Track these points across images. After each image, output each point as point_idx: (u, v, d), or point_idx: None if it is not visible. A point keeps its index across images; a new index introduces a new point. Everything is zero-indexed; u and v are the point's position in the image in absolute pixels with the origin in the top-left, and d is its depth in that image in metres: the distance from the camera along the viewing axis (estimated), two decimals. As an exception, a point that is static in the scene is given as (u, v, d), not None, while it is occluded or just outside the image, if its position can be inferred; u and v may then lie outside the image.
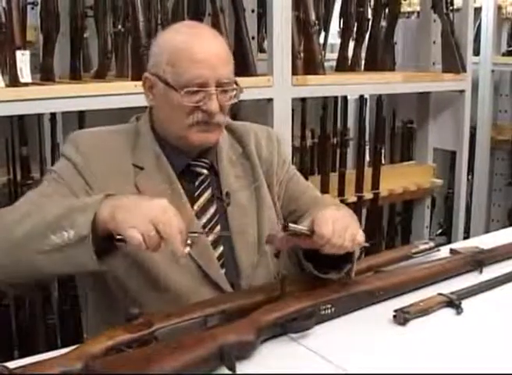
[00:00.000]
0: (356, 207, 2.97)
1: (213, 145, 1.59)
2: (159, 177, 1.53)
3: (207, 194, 1.57)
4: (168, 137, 1.55)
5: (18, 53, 1.98)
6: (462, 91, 3.12)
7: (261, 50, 3.01)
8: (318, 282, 1.43)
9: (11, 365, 1.12)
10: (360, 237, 1.39)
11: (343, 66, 3.07)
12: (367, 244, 1.45)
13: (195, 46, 1.46)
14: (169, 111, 1.50)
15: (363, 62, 3.11)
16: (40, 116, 2.75)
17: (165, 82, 1.48)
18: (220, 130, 1.55)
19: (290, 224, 1.35)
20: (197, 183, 1.58)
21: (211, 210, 1.56)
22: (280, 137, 1.79)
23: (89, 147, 1.51)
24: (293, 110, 2.58)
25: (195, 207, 1.55)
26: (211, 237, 1.54)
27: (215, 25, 2.39)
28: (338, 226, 1.35)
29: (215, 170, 1.61)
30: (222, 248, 1.55)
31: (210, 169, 1.60)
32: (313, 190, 1.76)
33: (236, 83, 1.53)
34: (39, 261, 1.25)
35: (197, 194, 1.57)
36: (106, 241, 1.25)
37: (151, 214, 1.20)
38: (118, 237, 1.21)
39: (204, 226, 1.54)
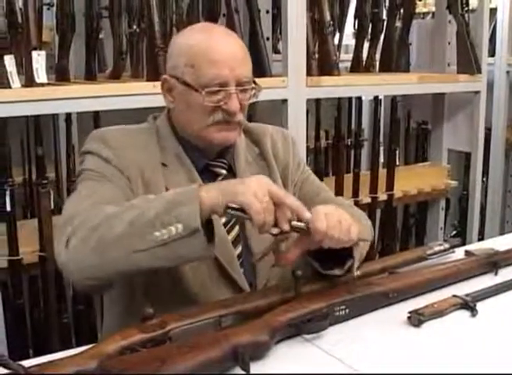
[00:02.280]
0: (370, 208, 2.97)
1: (231, 145, 1.59)
2: (182, 174, 1.54)
3: None
4: (188, 138, 1.55)
5: (34, 53, 1.99)
6: (477, 92, 3.11)
7: (276, 51, 3.01)
8: (332, 283, 1.43)
9: (26, 363, 1.12)
10: (355, 229, 1.37)
11: (357, 66, 3.07)
12: (367, 239, 1.45)
13: (213, 46, 1.46)
14: (189, 112, 1.50)
15: (377, 63, 3.11)
16: (55, 116, 2.76)
17: (184, 83, 1.48)
18: (239, 129, 1.56)
19: (293, 222, 1.34)
20: None
21: None
22: (295, 138, 1.79)
23: (118, 142, 1.50)
24: (307, 111, 2.58)
25: None
26: (231, 237, 1.54)
27: (230, 26, 2.40)
28: (331, 218, 1.34)
29: (233, 171, 1.61)
30: (240, 248, 1.56)
31: (228, 169, 1.60)
32: (327, 191, 1.76)
33: (254, 82, 1.53)
34: (136, 259, 1.24)
35: None
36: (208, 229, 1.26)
37: (266, 184, 1.26)
38: (232, 205, 1.23)
39: (224, 225, 1.53)
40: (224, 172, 1.59)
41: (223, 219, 1.53)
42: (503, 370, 1.21)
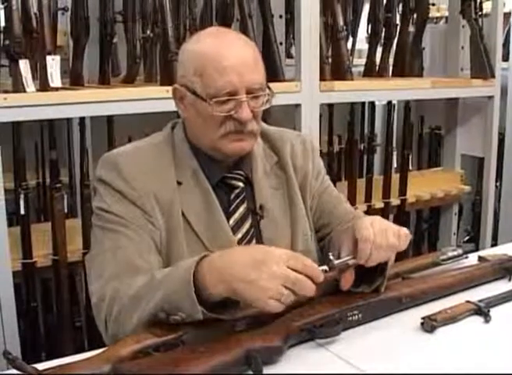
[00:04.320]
0: (383, 213, 2.96)
1: (247, 155, 1.55)
2: (197, 192, 1.49)
3: (242, 208, 1.53)
4: (203, 148, 1.51)
5: (48, 58, 2.00)
6: (491, 97, 3.10)
7: (289, 55, 3.02)
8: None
9: (39, 366, 1.13)
10: (405, 230, 1.39)
11: (370, 71, 3.07)
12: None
13: (221, 54, 1.41)
14: (201, 122, 1.46)
15: (391, 68, 3.10)
16: (69, 120, 2.78)
17: (193, 93, 1.44)
18: (254, 138, 1.50)
19: (334, 261, 1.31)
20: (232, 197, 1.53)
21: (247, 225, 1.52)
22: (315, 144, 1.74)
23: (131, 170, 1.45)
24: (320, 115, 2.58)
25: (231, 221, 1.51)
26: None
27: (243, 30, 2.41)
28: (377, 226, 1.35)
29: (250, 182, 1.56)
30: None
31: (245, 181, 1.55)
32: (345, 203, 1.72)
33: (268, 87, 1.48)
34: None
35: (232, 208, 1.53)
36: None
37: (276, 273, 1.17)
38: None
39: (239, 242, 1.50)
40: (241, 184, 1.54)
41: (239, 235, 1.52)
42: (517, 377, 1.20)
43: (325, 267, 1.27)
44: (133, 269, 1.36)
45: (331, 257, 1.32)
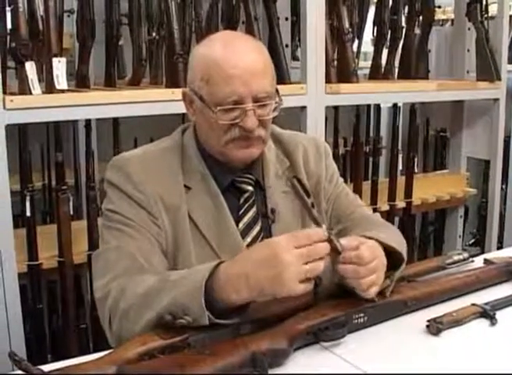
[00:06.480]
0: (388, 216, 2.96)
1: (257, 158, 1.53)
2: (205, 197, 1.49)
3: (252, 212, 1.52)
4: (212, 152, 1.50)
5: (54, 60, 2.01)
6: (496, 100, 3.10)
7: (295, 58, 3.02)
8: (350, 291, 1.42)
9: (44, 368, 1.13)
10: (376, 285, 1.36)
11: (376, 74, 3.07)
12: (375, 300, 1.39)
13: (228, 61, 1.38)
14: (207, 127, 1.46)
15: (396, 70, 3.10)
16: (75, 122, 2.79)
17: (200, 99, 1.43)
18: (261, 143, 1.49)
19: (332, 236, 1.30)
20: (241, 201, 1.52)
21: (257, 228, 1.52)
22: (329, 148, 1.72)
23: (139, 174, 1.45)
24: (325, 118, 2.58)
25: (240, 225, 1.51)
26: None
27: (249, 33, 2.41)
28: (366, 251, 1.33)
29: (261, 185, 1.55)
30: None
31: (255, 185, 1.54)
32: (361, 207, 1.70)
33: (277, 93, 1.47)
34: None
35: (242, 212, 1.52)
36: None
37: (291, 259, 1.19)
38: None
39: (248, 246, 1.48)
40: (250, 188, 1.53)
41: (248, 239, 1.51)
42: (523, 380, 1.20)
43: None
44: (138, 268, 1.37)
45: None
